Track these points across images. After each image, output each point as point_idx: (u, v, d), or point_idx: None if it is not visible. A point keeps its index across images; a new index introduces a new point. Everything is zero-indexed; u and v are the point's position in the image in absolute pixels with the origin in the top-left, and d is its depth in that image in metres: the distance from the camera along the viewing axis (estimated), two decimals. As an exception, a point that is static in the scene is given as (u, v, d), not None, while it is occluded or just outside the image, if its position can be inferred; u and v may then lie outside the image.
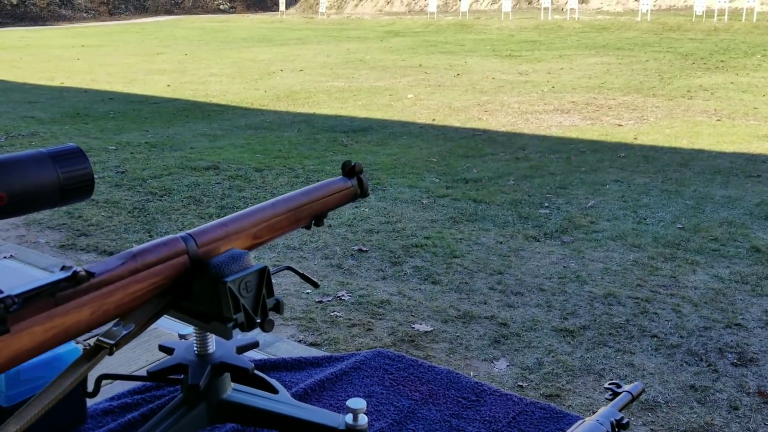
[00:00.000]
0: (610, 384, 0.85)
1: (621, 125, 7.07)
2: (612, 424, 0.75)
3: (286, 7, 29.78)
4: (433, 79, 10.58)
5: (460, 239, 4.22)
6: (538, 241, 4.22)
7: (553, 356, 2.77)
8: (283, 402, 0.86)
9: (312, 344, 2.84)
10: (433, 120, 7.73)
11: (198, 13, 34.49)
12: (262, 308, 0.73)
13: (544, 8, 19.32)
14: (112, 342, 0.64)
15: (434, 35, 17.36)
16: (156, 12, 34.70)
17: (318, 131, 7.29)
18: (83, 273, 0.62)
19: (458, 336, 2.95)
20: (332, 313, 3.16)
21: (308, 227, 0.89)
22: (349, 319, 3.14)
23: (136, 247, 0.70)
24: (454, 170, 5.73)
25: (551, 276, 3.65)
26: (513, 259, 3.92)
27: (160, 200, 5.02)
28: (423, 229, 4.41)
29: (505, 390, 0.98)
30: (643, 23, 16.42)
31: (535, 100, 8.59)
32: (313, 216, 0.89)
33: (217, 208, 4.84)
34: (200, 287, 0.70)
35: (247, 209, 0.83)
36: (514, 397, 0.97)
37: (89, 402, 0.95)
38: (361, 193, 0.96)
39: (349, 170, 0.95)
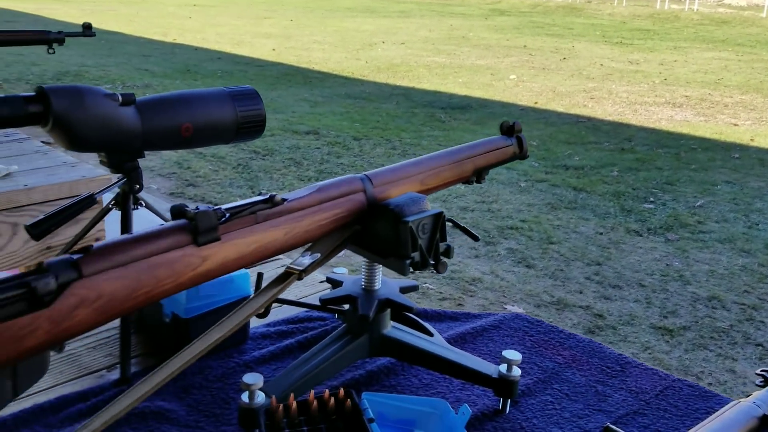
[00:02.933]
0: (762, 371, 0.81)
1: (737, 125, 6.67)
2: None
3: (392, -21, 29.61)
4: (538, 62, 10.30)
5: (558, 226, 4.12)
6: (641, 235, 4.06)
7: (649, 353, 2.68)
8: (438, 344, 0.88)
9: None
10: (535, 103, 7.54)
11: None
12: (435, 250, 0.73)
13: (661, -5, 18.43)
14: (301, 268, 0.68)
15: (541, 16, 16.89)
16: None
17: (416, 105, 7.25)
18: (279, 198, 0.66)
19: (551, 322, 2.89)
20: (423, 284, 3.16)
21: (470, 182, 0.89)
22: (440, 293, 3.13)
23: (320, 182, 0.72)
24: (555, 156, 5.58)
25: (653, 272, 3.52)
26: (613, 251, 3.79)
27: (263, 159, 5.14)
28: (519, 212, 4.33)
29: (649, 365, 0.95)
30: (769, 19, 15.41)
31: (645, 91, 8.23)
32: (476, 171, 0.88)
33: (315, 172, 4.91)
34: (380, 225, 0.73)
35: (415, 158, 0.84)
36: (660, 372, 0.94)
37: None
38: (520, 153, 0.95)
39: (508, 129, 0.94)
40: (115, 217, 0.96)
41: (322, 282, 1.22)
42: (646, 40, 12.85)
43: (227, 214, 0.61)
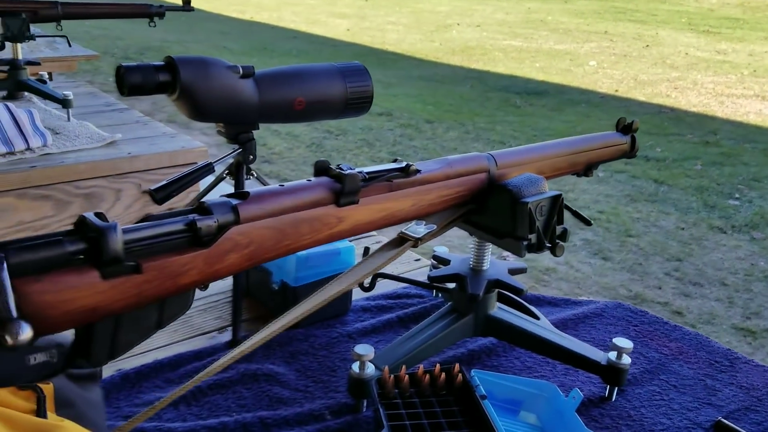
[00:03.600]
0: None
1: (832, 121, 6.32)
2: None
3: (469, -39, 29.20)
4: (619, 48, 9.98)
5: (637, 218, 4.01)
6: (725, 233, 3.91)
7: (732, 356, 2.59)
8: (545, 328, 0.87)
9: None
10: (616, 91, 7.32)
11: (380, -40, 34.75)
12: (551, 233, 0.72)
13: (754, -18, 17.51)
14: (417, 236, 0.69)
15: (624, 2, 16.33)
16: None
17: (491, 89, 7.15)
18: (413, 167, 0.66)
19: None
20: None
21: (579, 174, 0.87)
22: (515, 282, 3.10)
23: (450, 157, 0.72)
24: (635, 146, 5.41)
25: (736, 271, 3.39)
26: (694, 247, 3.67)
27: (336, 139, 5.18)
28: (596, 202, 4.23)
29: (759, 362, 0.92)
30: None
31: (732, 82, 7.87)
32: (588, 165, 0.87)
33: (388, 153, 4.93)
34: (498, 204, 0.73)
35: (535, 144, 0.83)
36: None
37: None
38: (631, 152, 0.93)
39: (625, 127, 0.92)
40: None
41: (417, 260, 1.23)
42: (734, 29, 12.27)
43: (366, 178, 0.62)
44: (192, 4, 2.02)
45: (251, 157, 0.96)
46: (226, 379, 0.80)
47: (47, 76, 2.04)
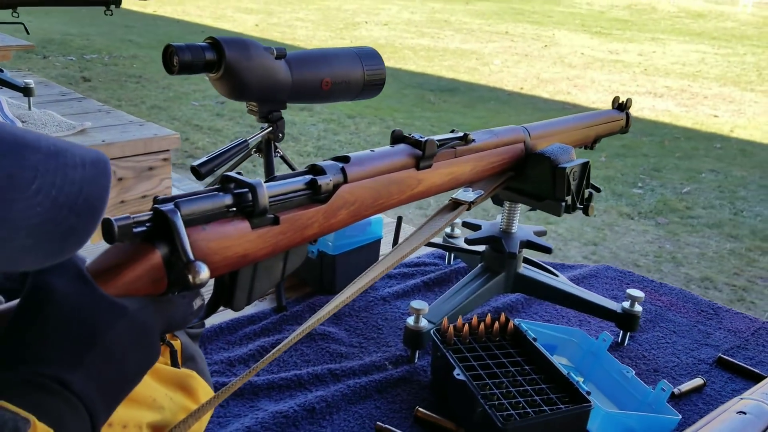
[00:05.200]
0: None
1: (717, 116, 6.89)
2: None
3: (370, -40, 29.47)
4: (520, 48, 10.43)
5: (554, 207, 4.26)
6: (632, 219, 4.22)
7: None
8: (565, 283, 0.97)
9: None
10: (521, 89, 7.66)
11: (280, -44, 34.39)
12: (582, 195, 0.82)
13: (638, -12, 18.73)
14: (470, 200, 0.76)
15: (521, 3, 17.02)
16: (239, -49, 34.76)
17: (405, 86, 7.31)
18: (471, 137, 0.75)
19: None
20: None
21: (588, 147, 0.98)
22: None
23: (494, 129, 0.80)
24: (546, 140, 5.70)
25: (647, 254, 3.68)
26: (607, 232, 3.95)
27: (261, 133, 5.16)
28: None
29: (738, 310, 1.07)
30: (743, 14, 15.78)
31: (626, 80, 8.42)
32: (595, 138, 0.98)
33: (314, 148, 4.96)
34: (537, 171, 0.82)
35: (557, 119, 0.92)
36: (750, 316, 1.06)
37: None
38: (625, 128, 1.04)
39: (620, 105, 1.04)
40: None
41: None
42: (624, 30, 13.08)
43: (438, 145, 0.70)
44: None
45: (280, 135, 1.00)
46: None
47: (-3, 65, 1.97)
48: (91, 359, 0.43)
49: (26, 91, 1.66)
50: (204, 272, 0.49)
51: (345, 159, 0.63)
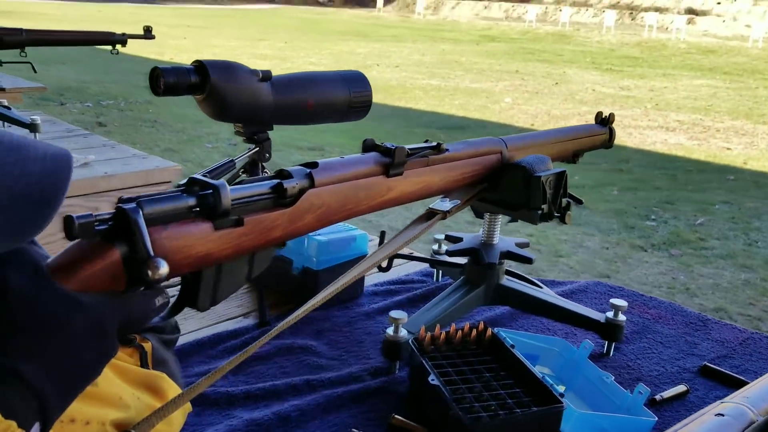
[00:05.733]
0: None
1: (729, 149, 6.88)
2: None
3: (383, 4, 30.11)
4: (531, 86, 10.52)
5: (564, 240, 4.24)
6: (645, 251, 4.20)
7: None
8: (549, 294, 0.97)
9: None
10: (532, 125, 7.71)
11: (297, 4, 35.28)
12: (559, 204, 0.83)
13: (648, 25, 18.86)
14: (445, 209, 0.77)
15: (532, 43, 17.23)
16: (258, 0, 35.71)
17: (415, 125, 7.39)
18: (444, 146, 0.76)
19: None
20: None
21: (569, 161, 0.99)
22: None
23: (469, 140, 0.81)
24: (556, 175, 5.71)
25: (660, 285, 3.64)
26: (620, 264, 3.92)
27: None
28: (525, 225, 4.43)
29: (727, 321, 1.06)
30: (754, 50, 15.84)
31: (638, 115, 8.45)
32: (575, 152, 0.99)
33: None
34: (512, 180, 0.83)
35: (535, 131, 0.94)
36: (739, 327, 1.06)
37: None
38: (609, 142, 1.06)
39: (603, 120, 1.05)
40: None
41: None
42: (635, 67, 13.17)
43: (409, 153, 0.71)
44: (153, 33, 2.07)
45: (267, 155, 1.03)
46: (265, 353, 0.86)
47: (6, 103, 2.03)
48: (44, 350, 0.44)
49: (32, 127, 1.71)
50: (163, 268, 0.50)
51: (313, 165, 0.65)
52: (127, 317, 0.51)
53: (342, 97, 1.06)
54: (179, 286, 0.60)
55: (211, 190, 0.56)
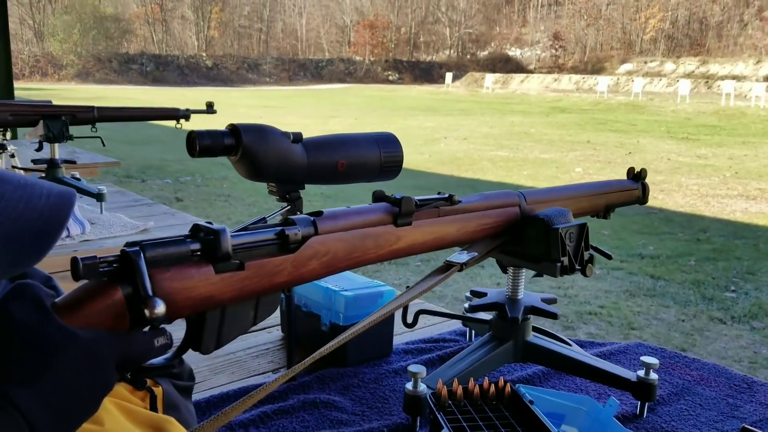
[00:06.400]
0: None
1: (815, 216, 6.54)
2: None
3: (452, 80, 30.78)
4: (603, 156, 10.40)
5: (638, 312, 4.08)
6: (724, 323, 3.98)
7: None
8: (578, 353, 0.94)
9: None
10: (604, 195, 7.55)
11: (368, 83, 36.52)
12: (580, 257, 0.82)
13: (726, 94, 18.46)
14: (462, 262, 0.77)
15: (603, 114, 17.12)
16: (330, 80, 37.23)
17: (484, 196, 7.37)
18: (456, 198, 0.76)
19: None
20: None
21: (600, 216, 0.98)
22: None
23: (486, 192, 0.82)
24: (628, 245, 5.56)
25: (740, 359, 3.43)
26: (697, 337, 3.73)
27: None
28: (596, 298, 4.31)
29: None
30: (839, 115, 15.22)
31: (716, 184, 8.18)
32: (606, 207, 0.97)
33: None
34: (532, 233, 0.83)
35: (559, 186, 0.94)
36: None
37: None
38: (642, 198, 1.04)
39: (635, 175, 1.04)
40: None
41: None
42: (713, 135, 12.84)
43: (418, 204, 0.73)
44: (214, 108, 2.20)
45: (298, 213, 1.06)
46: (289, 406, 0.87)
47: (78, 174, 2.18)
48: (40, 380, 0.47)
49: (99, 197, 1.83)
50: (159, 307, 0.53)
51: (318, 213, 0.68)
52: (126, 354, 0.53)
53: (373, 158, 1.09)
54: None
55: (212, 236, 0.59)
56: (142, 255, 0.54)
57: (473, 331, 1.15)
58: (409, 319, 0.98)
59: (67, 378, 0.48)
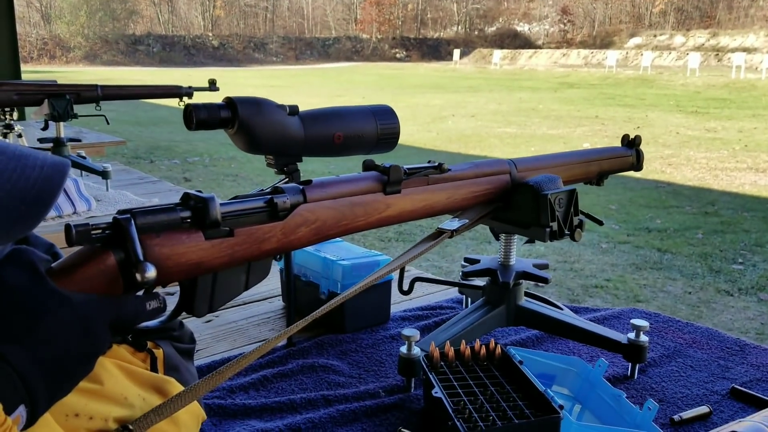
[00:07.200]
0: None
1: (826, 188, 6.50)
2: None
3: (460, 57, 30.56)
4: (611, 130, 10.34)
5: (644, 285, 4.09)
6: (731, 295, 3.98)
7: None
8: (570, 316, 0.96)
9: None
10: (611, 169, 7.52)
11: (375, 61, 36.31)
12: (570, 222, 0.83)
13: (736, 66, 18.22)
14: (452, 229, 0.78)
15: (612, 88, 16.98)
16: (337, 58, 37.05)
17: (492, 173, 7.36)
18: (445, 166, 0.77)
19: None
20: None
21: (593, 183, 0.99)
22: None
23: (476, 161, 0.83)
24: (636, 219, 5.55)
25: (747, 330, 3.44)
26: (704, 309, 3.74)
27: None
28: (603, 271, 4.32)
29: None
30: None
31: (725, 157, 8.13)
32: (599, 174, 0.98)
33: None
34: (522, 199, 0.84)
35: (550, 153, 0.95)
36: None
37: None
38: (637, 165, 1.05)
39: (629, 142, 1.05)
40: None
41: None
42: (722, 108, 12.72)
43: (406, 172, 0.74)
44: (217, 85, 2.21)
45: (295, 184, 1.08)
46: (288, 370, 0.90)
47: (83, 153, 2.20)
48: (31, 339, 0.48)
49: (104, 174, 1.85)
50: (150, 272, 0.55)
51: (307, 182, 0.69)
52: (118, 317, 0.55)
53: (370, 130, 1.10)
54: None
55: (201, 203, 0.60)
56: (132, 222, 0.56)
57: (469, 299, 1.17)
58: (405, 287, 1.00)
59: (59, 337, 0.50)
